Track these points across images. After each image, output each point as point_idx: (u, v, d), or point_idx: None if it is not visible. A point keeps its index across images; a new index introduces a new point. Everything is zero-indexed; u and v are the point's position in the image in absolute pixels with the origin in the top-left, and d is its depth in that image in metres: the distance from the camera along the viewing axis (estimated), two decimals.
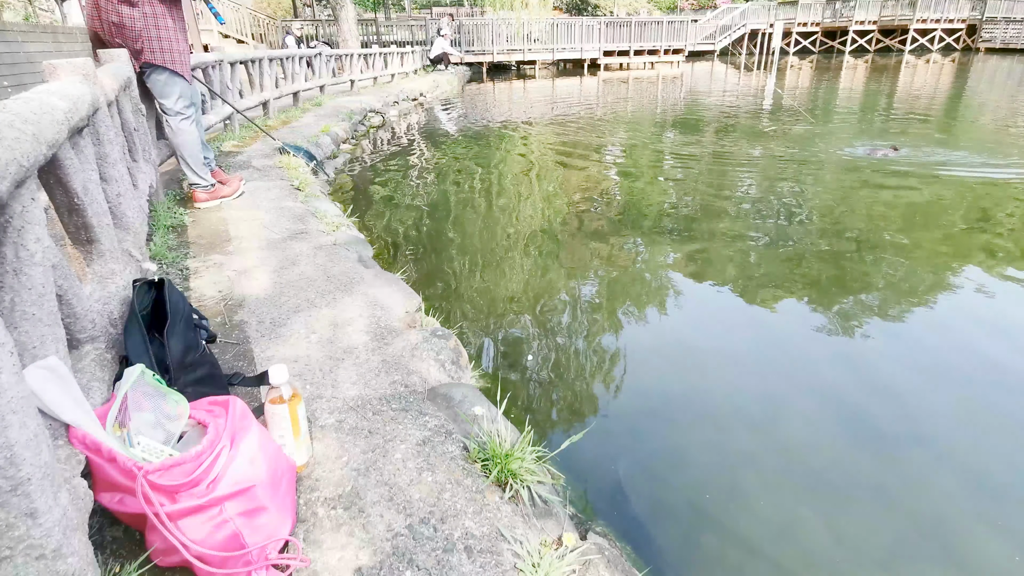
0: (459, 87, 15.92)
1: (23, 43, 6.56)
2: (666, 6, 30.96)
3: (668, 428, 2.06)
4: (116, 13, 2.92)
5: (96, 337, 1.38)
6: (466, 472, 1.41)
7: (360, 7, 25.09)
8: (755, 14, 25.34)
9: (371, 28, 20.34)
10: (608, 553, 1.31)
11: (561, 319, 2.83)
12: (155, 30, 3.01)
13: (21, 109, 1.14)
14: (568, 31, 21.50)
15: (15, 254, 1.01)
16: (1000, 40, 24.25)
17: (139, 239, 2.24)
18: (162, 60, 3.09)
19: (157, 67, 3.11)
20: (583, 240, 3.88)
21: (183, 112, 3.29)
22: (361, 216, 4.30)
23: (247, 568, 1.06)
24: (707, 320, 2.83)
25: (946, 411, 2.14)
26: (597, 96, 13.77)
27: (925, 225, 4.08)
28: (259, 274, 2.56)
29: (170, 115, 3.28)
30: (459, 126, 9.47)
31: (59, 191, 1.48)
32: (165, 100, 3.24)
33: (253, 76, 6.64)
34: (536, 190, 5.27)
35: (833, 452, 1.93)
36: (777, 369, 2.40)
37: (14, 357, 0.78)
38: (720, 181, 5.43)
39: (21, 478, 0.75)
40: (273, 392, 1.32)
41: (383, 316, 2.20)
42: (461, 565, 1.16)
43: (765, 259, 3.53)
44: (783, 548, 1.57)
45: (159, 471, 1.00)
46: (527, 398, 2.21)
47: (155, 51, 3.05)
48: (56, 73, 1.89)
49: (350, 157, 6.54)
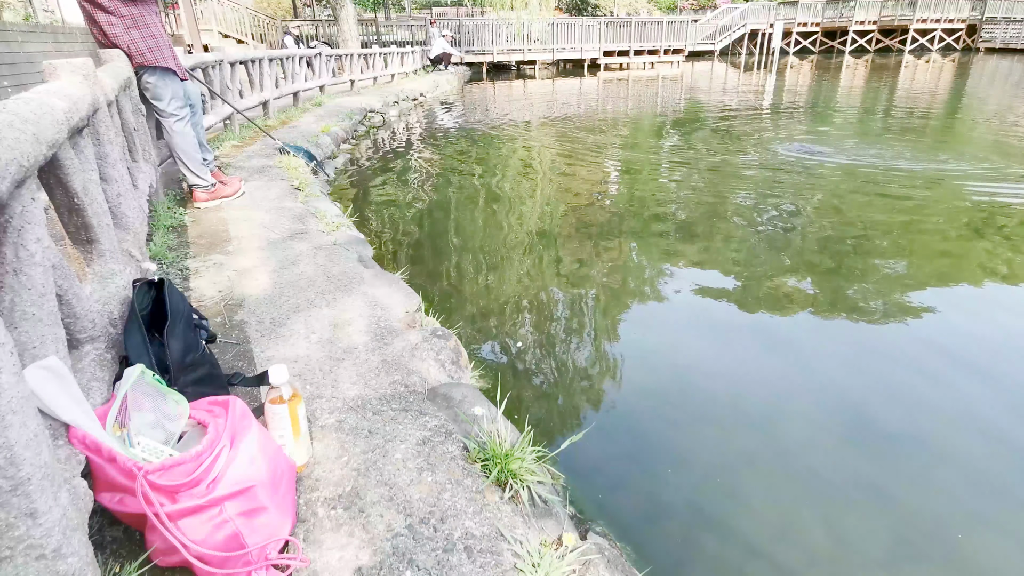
0: (459, 87, 15.92)
1: (23, 43, 6.56)
2: (666, 6, 30.95)
3: (668, 428, 2.06)
4: (96, 21, 2.93)
5: (96, 337, 1.38)
6: (466, 472, 1.41)
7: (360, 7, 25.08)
8: (755, 14, 25.35)
9: (371, 28, 20.33)
10: (608, 553, 1.31)
11: (561, 319, 2.83)
12: (136, 31, 3.00)
13: (21, 109, 1.14)
14: (568, 31, 21.51)
15: (15, 254, 1.01)
16: (1000, 40, 24.26)
17: (139, 239, 2.24)
18: (154, 60, 3.09)
19: (148, 68, 3.11)
20: (583, 240, 3.88)
21: (176, 113, 3.28)
22: (361, 216, 4.30)
23: (247, 568, 1.06)
24: (707, 320, 2.83)
25: (946, 411, 2.14)
26: (597, 96, 13.77)
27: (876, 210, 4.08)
28: (259, 274, 2.56)
29: (164, 117, 3.28)
30: (459, 126, 9.47)
31: (59, 191, 1.48)
32: (158, 102, 3.23)
33: (253, 76, 6.64)
34: (536, 190, 5.27)
35: (833, 452, 1.93)
36: (777, 369, 2.40)
37: (14, 357, 0.78)
38: (722, 184, 5.43)
39: (21, 478, 0.75)
40: (273, 392, 1.32)
41: (383, 316, 2.20)
42: (461, 565, 1.16)
43: (765, 258, 3.53)
44: (783, 548, 1.57)
45: (159, 471, 1.00)
46: (527, 398, 2.21)
47: (143, 52, 3.05)
48: (56, 73, 1.89)
49: (350, 157, 6.54)
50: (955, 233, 3.91)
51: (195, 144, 3.40)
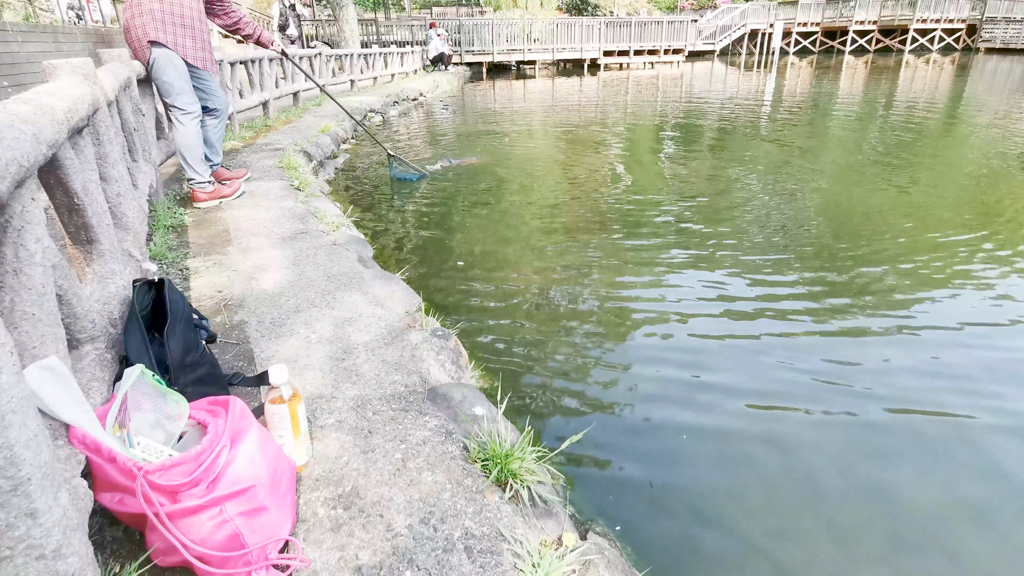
0: (459, 87, 15.92)
1: (23, 43, 6.56)
2: (666, 6, 30.96)
3: (668, 428, 2.06)
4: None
5: (96, 337, 1.38)
6: (466, 472, 1.41)
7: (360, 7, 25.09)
8: (755, 14, 25.37)
9: (371, 28, 20.34)
10: (608, 553, 1.31)
11: (562, 319, 2.83)
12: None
13: (21, 109, 1.14)
14: (568, 31, 21.52)
15: (15, 254, 1.01)
16: (1000, 40, 24.27)
17: (139, 239, 2.24)
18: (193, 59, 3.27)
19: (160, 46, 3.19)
20: (584, 239, 3.88)
21: (183, 107, 3.31)
22: (361, 216, 4.30)
23: (247, 568, 1.06)
24: (708, 320, 2.83)
25: (946, 411, 2.14)
26: (597, 96, 13.77)
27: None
28: (259, 274, 2.56)
29: (170, 109, 3.34)
30: (458, 126, 9.47)
31: (59, 191, 1.48)
32: (167, 98, 3.28)
33: (253, 76, 6.64)
34: (536, 189, 5.27)
35: (833, 452, 1.93)
36: (777, 368, 2.40)
37: (14, 357, 0.78)
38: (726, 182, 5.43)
39: (21, 478, 0.75)
40: (273, 392, 1.32)
41: (383, 316, 2.20)
42: (461, 565, 1.16)
43: (766, 258, 3.53)
44: (783, 548, 1.57)
45: (159, 471, 1.00)
46: (527, 398, 2.21)
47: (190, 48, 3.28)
48: (56, 73, 1.89)
49: (350, 157, 6.54)
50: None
51: (199, 139, 3.41)
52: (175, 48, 3.18)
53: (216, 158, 3.70)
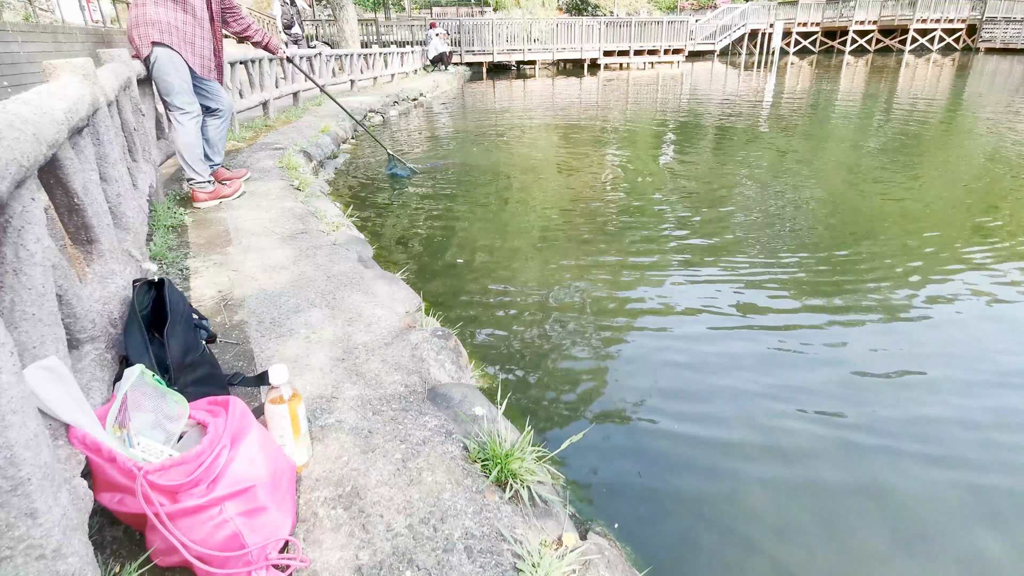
0: (459, 87, 15.92)
1: (23, 43, 6.56)
2: (666, 6, 30.96)
3: (668, 428, 2.06)
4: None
5: (96, 337, 1.38)
6: (466, 472, 1.41)
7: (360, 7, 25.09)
8: (755, 14, 25.37)
9: (371, 28, 20.33)
10: (608, 553, 1.31)
11: (562, 319, 2.83)
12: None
13: (21, 109, 1.14)
14: (568, 31, 21.52)
15: (15, 254, 1.01)
16: (1000, 40, 24.29)
17: (139, 239, 2.24)
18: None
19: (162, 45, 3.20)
20: (584, 239, 3.88)
21: (182, 107, 3.30)
22: (361, 216, 4.30)
23: (247, 568, 1.06)
24: (708, 320, 2.83)
25: (946, 410, 2.14)
26: (597, 96, 13.77)
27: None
28: (259, 274, 2.56)
29: (169, 109, 3.33)
30: (458, 126, 9.47)
31: (59, 191, 1.48)
32: (167, 96, 3.28)
33: (253, 76, 6.63)
34: (536, 189, 5.27)
35: (834, 452, 1.93)
36: (778, 369, 2.40)
37: (14, 357, 0.78)
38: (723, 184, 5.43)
39: (21, 478, 0.75)
40: (273, 392, 1.32)
41: (383, 316, 2.20)
42: (461, 565, 1.16)
43: (767, 260, 3.53)
44: (783, 548, 1.57)
45: (159, 471, 1.00)
46: (527, 398, 2.21)
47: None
48: (56, 73, 1.89)
49: (350, 157, 6.54)
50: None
51: (198, 139, 3.41)
52: (179, 50, 3.19)
53: (217, 158, 3.70)
